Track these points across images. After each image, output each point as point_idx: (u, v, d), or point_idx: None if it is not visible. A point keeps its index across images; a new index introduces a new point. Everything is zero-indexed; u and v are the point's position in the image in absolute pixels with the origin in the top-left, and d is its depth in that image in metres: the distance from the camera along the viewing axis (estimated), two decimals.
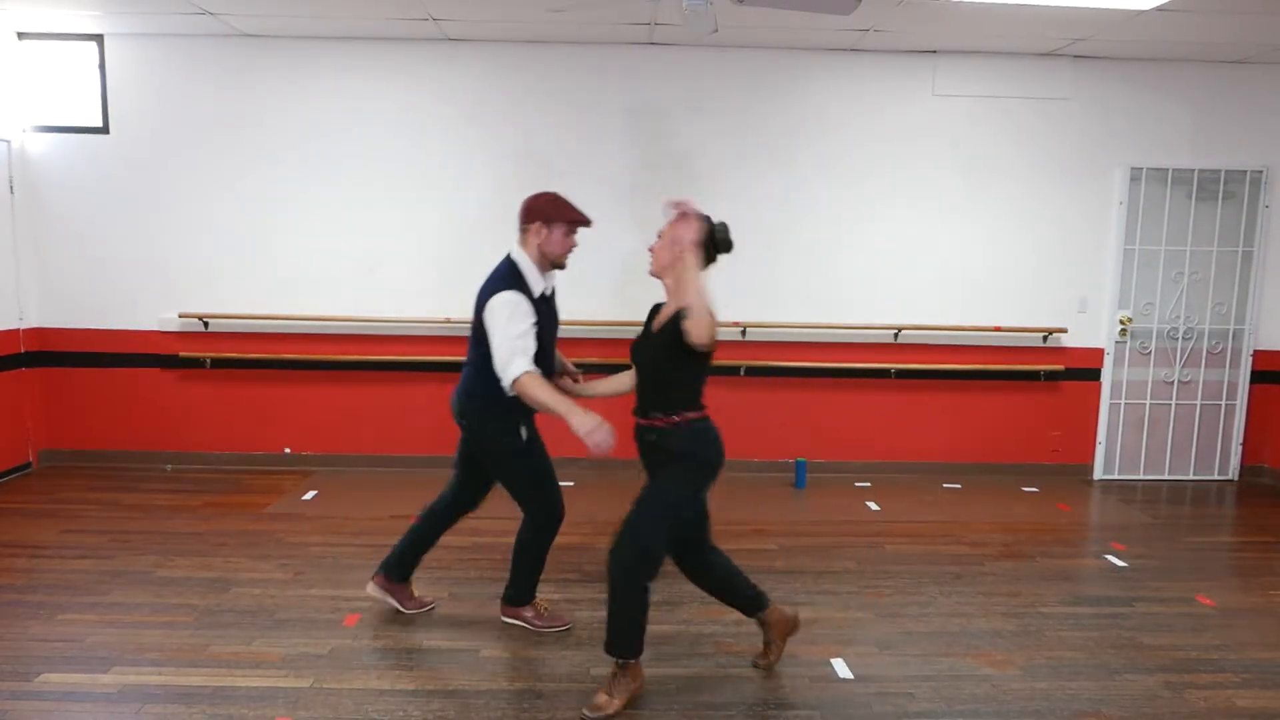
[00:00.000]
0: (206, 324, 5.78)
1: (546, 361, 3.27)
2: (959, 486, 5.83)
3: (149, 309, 5.78)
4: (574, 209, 3.28)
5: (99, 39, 5.55)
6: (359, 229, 5.73)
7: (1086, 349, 5.99)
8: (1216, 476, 6.14)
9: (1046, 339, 5.95)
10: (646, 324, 3.09)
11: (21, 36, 5.55)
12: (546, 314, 3.28)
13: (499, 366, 3.08)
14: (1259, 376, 6.04)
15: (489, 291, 3.18)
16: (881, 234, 5.83)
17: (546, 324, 3.25)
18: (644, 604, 2.94)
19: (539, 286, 3.25)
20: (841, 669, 3.30)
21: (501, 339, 3.08)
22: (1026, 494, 5.73)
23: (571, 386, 3.38)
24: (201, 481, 5.56)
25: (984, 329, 5.89)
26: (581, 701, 2.99)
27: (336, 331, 5.81)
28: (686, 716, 2.96)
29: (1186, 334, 5.99)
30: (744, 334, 5.80)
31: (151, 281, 5.75)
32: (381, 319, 5.74)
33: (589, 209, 3.35)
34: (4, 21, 5.34)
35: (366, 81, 5.62)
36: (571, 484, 3.58)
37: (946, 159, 5.79)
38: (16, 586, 3.91)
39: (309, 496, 5.31)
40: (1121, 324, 5.95)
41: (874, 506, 5.36)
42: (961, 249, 5.86)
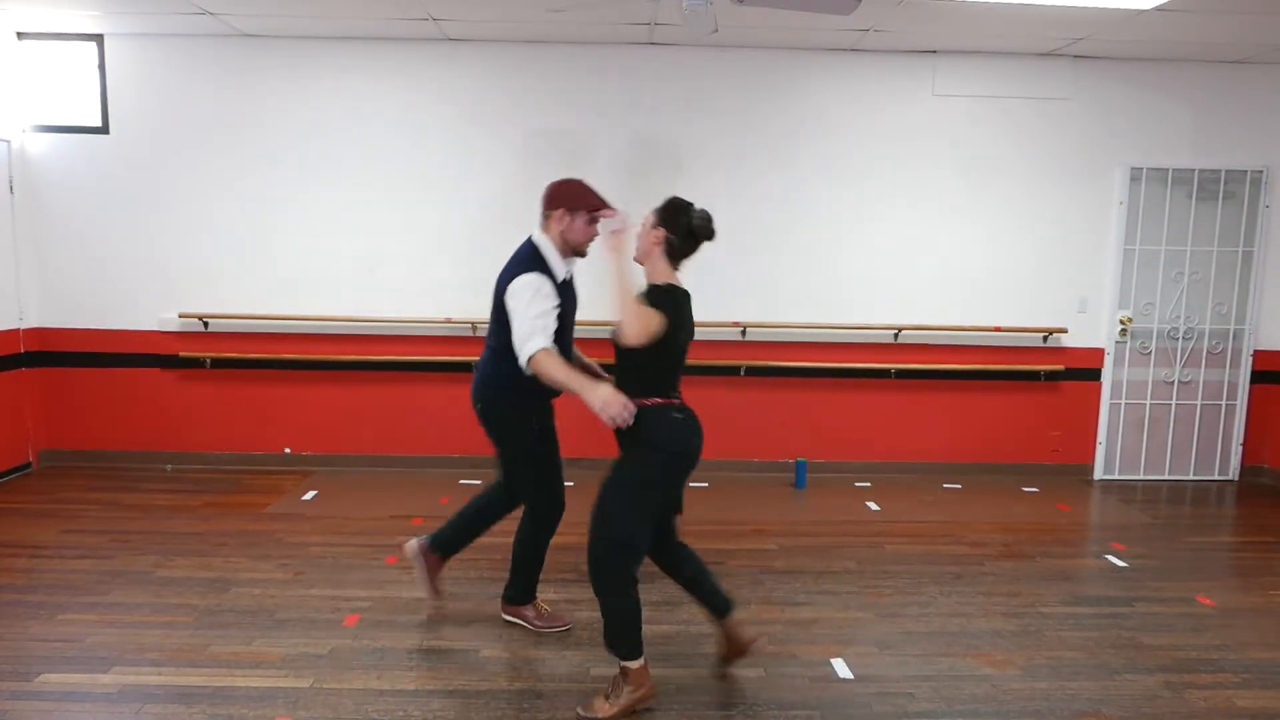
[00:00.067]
0: (206, 324, 5.78)
1: (566, 344, 3.27)
2: (959, 486, 5.82)
3: (149, 309, 5.78)
4: (597, 197, 3.24)
5: (99, 39, 5.55)
6: (359, 229, 5.73)
7: (1086, 349, 5.99)
8: (1217, 476, 6.14)
9: (1046, 339, 5.95)
10: None
11: (21, 36, 5.55)
12: (568, 297, 3.27)
13: (517, 344, 3.06)
14: (1259, 376, 6.04)
15: (510, 274, 3.17)
16: (881, 234, 5.83)
17: (568, 307, 3.26)
18: (630, 598, 2.88)
19: (561, 271, 3.24)
20: (841, 669, 3.30)
21: (522, 319, 3.07)
22: (1026, 494, 5.73)
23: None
24: (201, 481, 5.56)
25: (984, 329, 5.89)
26: (581, 702, 2.98)
27: (336, 331, 5.81)
28: (686, 716, 2.96)
29: (1187, 334, 5.99)
30: (744, 334, 5.80)
31: (151, 281, 5.75)
32: (381, 319, 5.74)
33: None
34: (4, 21, 5.34)
35: (366, 81, 5.63)
36: (571, 484, 3.57)
37: (946, 159, 5.78)
38: (16, 586, 3.91)
39: (309, 496, 5.31)
40: (1122, 324, 5.95)
41: (874, 506, 5.36)
42: (961, 249, 5.86)
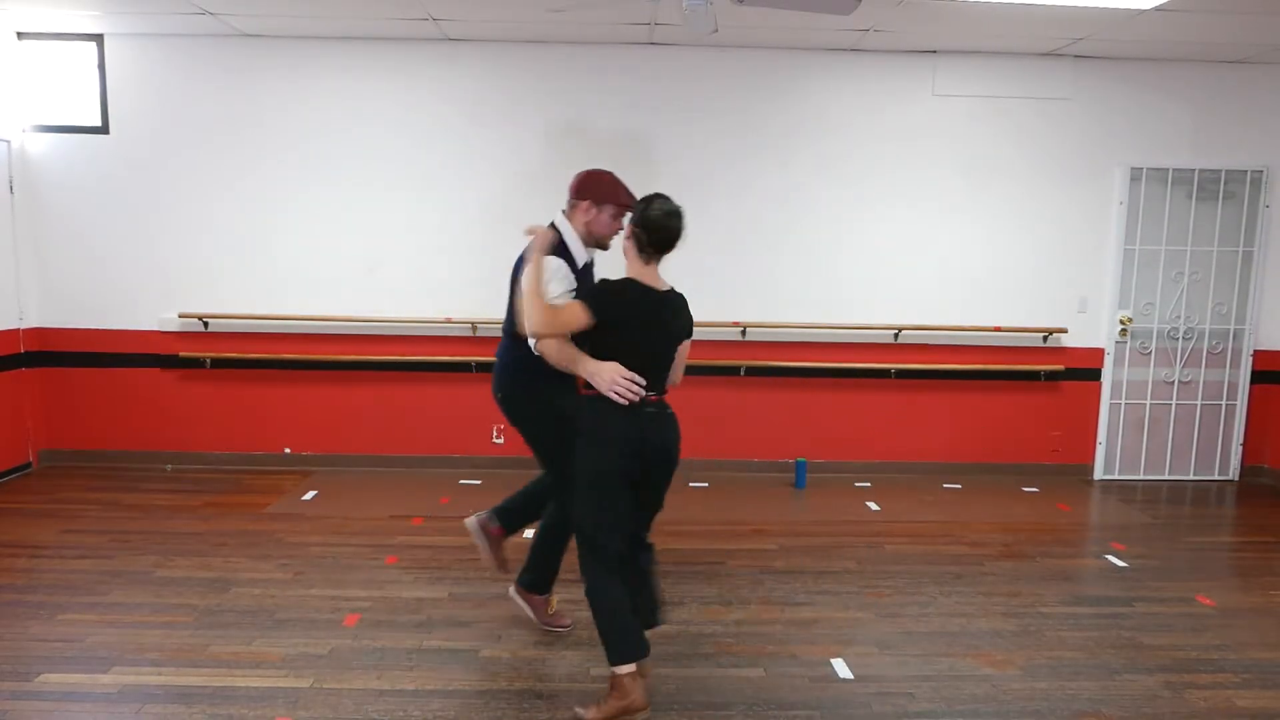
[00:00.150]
0: (206, 324, 5.78)
1: None
2: (959, 486, 5.83)
3: (149, 309, 5.78)
4: (626, 193, 3.22)
5: (99, 39, 5.55)
6: (359, 229, 5.73)
7: (1086, 349, 5.99)
8: (1217, 476, 6.14)
9: (1047, 339, 5.95)
10: None
11: (21, 36, 5.55)
12: (585, 283, 3.26)
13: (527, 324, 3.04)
14: (1259, 376, 6.04)
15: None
16: (881, 234, 5.83)
17: (584, 292, 3.24)
18: (610, 598, 2.84)
19: (582, 257, 3.23)
20: (841, 669, 3.30)
21: None
22: (1026, 494, 5.73)
23: None
24: (201, 481, 5.56)
25: (984, 329, 5.89)
26: (580, 702, 2.98)
27: (336, 331, 5.81)
28: (686, 716, 2.96)
29: (1187, 334, 5.99)
30: (744, 334, 5.80)
31: (151, 281, 5.75)
32: (381, 319, 5.74)
33: None
34: (4, 21, 5.34)
35: (366, 81, 5.63)
36: None
37: (946, 159, 5.79)
38: (16, 586, 3.91)
39: (309, 496, 5.31)
40: (1122, 324, 5.95)
41: (874, 506, 5.36)
42: (961, 249, 5.86)
